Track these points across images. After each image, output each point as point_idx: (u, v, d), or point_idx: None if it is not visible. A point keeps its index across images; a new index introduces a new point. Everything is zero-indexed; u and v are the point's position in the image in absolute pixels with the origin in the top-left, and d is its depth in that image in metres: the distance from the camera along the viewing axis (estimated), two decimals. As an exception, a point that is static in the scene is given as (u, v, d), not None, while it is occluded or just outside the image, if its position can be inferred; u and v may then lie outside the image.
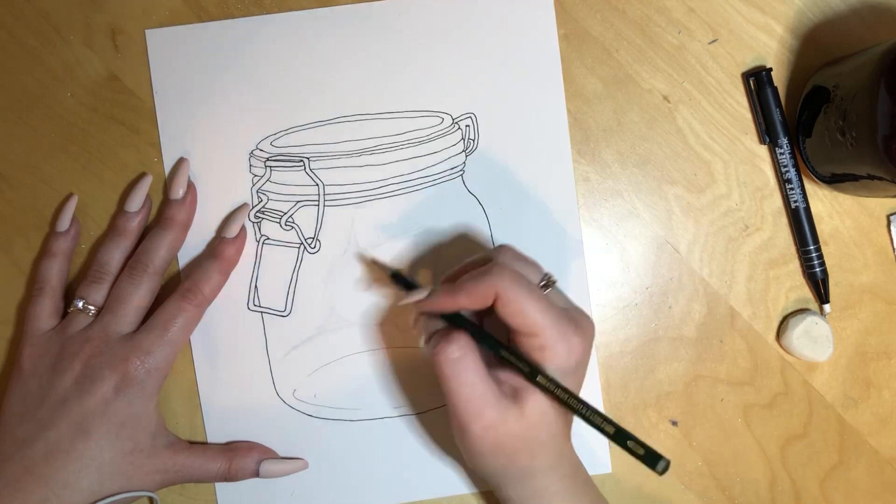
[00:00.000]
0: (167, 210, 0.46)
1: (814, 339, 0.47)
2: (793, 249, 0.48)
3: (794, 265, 0.48)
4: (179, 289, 0.45)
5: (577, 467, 0.42)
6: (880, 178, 0.41)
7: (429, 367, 0.48)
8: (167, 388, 0.47)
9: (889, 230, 0.48)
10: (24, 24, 0.47)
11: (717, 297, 0.48)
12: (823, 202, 0.49)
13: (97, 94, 0.48)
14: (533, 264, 0.41)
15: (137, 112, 0.48)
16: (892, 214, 0.48)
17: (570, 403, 0.38)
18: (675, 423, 0.48)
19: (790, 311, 0.49)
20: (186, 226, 0.46)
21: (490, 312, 0.40)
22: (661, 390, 0.48)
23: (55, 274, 0.46)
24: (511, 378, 0.40)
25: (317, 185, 0.47)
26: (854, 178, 0.44)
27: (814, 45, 0.48)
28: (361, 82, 0.47)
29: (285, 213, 0.47)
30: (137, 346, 0.43)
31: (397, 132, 0.47)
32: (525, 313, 0.38)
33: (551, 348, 0.38)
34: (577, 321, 0.40)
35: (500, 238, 0.48)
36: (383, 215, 0.47)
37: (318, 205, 0.47)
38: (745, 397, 0.48)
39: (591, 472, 0.48)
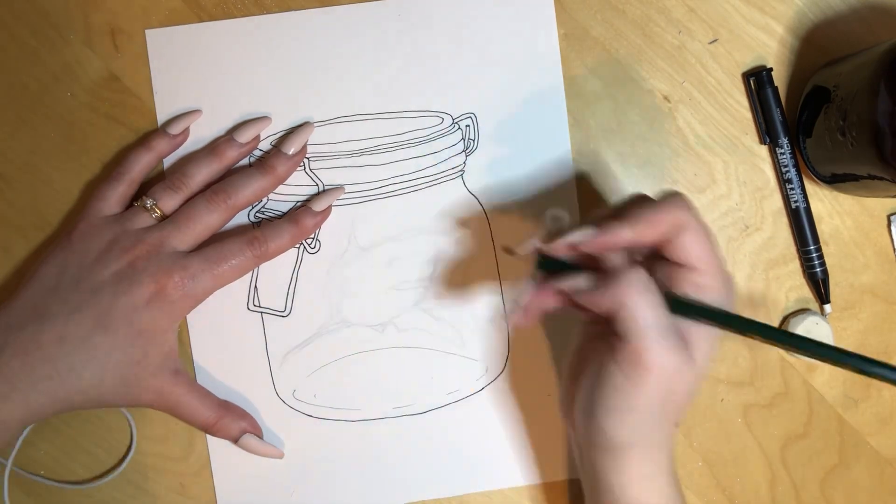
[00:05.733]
0: (272, 158, 0.46)
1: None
2: (793, 249, 0.48)
3: (794, 265, 0.48)
4: (247, 234, 0.45)
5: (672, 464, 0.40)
6: (880, 178, 0.41)
7: (428, 366, 0.48)
8: (167, 388, 0.48)
9: (889, 230, 0.48)
10: (24, 24, 0.47)
11: (718, 297, 0.48)
12: (823, 202, 0.48)
13: (97, 94, 0.48)
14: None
15: (137, 112, 0.48)
16: (892, 214, 0.48)
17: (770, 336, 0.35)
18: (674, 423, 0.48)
19: (790, 311, 0.49)
20: (281, 181, 0.46)
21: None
22: (661, 390, 0.48)
23: (141, 167, 0.45)
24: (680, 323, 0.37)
25: (317, 185, 0.47)
26: (854, 178, 0.44)
27: (814, 45, 0.48)
28: (361, 82, 0.48)
29: (285, 214, 0.47)
30: (185, 266, 0.43)
31: (397, 132, 0.47)
32: (701, 247, 0.36)
33: (714, 287, 0.37)
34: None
35: (500, 238, 0.48)
36: (383, 215, 0.47)
37: (318, 205, 0.47)
38: (745, 397, 0.48)
39: (591, 472, 0.48)
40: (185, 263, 0.43)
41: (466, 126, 0.47)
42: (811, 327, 0.47)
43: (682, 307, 0.37)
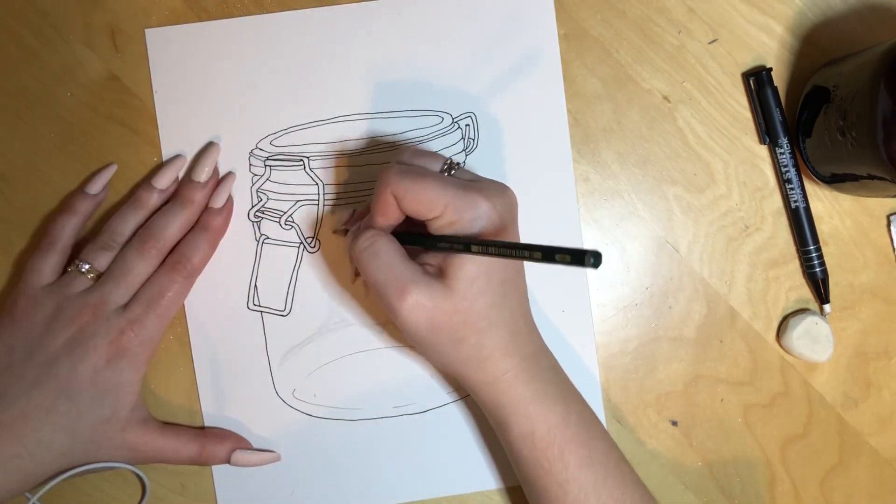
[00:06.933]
0: (187, 190, 0.46)
1: (814, 338, 0.47)
2: (793, 249, 0.48)
3: (794, 265, 0.48)
4: (168, 261, 0.45)
5: (539, 351, 0.42)
6: (880, 178, 0.41)
7: (428, 366, 0.48)
8: (167, 388, 0.48)
9: (889, 230, 0.48)
10: (24, 24, 0.47)
11: (717, 297, 0.48)
12: (823, 202, 0.48)
13: (97, 94, 0.48)
14: (433, 155, 0.42)
15: (137, 112, 0.48)
16: (892, 214, 0.48)
17: (496, 251, 0.36)
18: (675, 423, 0.48)
19: (790, 311, 0.49)
20: (201, 208, 0.46)
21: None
22: (661, 390, 0.48)
23: (69, 232, 0.45)
24: (434, 258, 0.40)
25: (316, 184, 0.47)
26: (854, 178, 0.44)
27: (814, 45, 0.48)
28: (361, 82, 0.47)
29: (285, 213, 0.47)
30: (132, 319, 0.43)
31: (397, 131, 0.47)
32: (420, 199, 0.38)
33: (459, 221, 0.38)
34: (483, 189, 0.39)
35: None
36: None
37: (318, 204, 0.47)
38: (745, 397, 0.48)
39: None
40: (130, 316, 0.43)
41: (466, 125, 0.47)
42: (811, 327, 0.47)
43: (408, 240, 0.40)
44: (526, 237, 0.47)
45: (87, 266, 0.44)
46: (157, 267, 0.45)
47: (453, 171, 0.41)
